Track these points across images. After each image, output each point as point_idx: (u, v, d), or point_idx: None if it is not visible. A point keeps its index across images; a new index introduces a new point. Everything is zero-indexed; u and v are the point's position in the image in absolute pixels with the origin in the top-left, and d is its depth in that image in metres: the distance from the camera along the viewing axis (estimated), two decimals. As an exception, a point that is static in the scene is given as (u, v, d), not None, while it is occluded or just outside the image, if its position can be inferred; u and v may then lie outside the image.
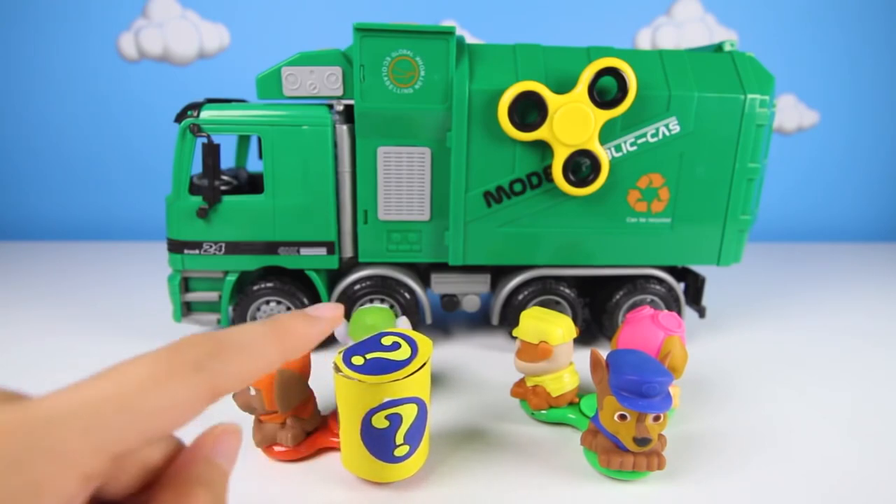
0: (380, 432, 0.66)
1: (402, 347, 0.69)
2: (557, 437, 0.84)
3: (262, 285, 1.10)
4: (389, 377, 0.64)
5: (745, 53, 1.09)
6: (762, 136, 1.07)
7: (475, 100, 1.01)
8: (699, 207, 1.10)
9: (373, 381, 0.64)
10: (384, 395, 0.65)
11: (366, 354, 0.68)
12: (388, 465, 0.69)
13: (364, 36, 0.99)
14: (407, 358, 0.68)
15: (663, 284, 1.16)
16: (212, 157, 1.02)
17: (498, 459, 0.78)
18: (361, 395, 0.65)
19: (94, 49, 2.03)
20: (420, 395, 0.68)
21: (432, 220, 1.09)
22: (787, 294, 1.59)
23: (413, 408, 0.67)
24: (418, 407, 0.68)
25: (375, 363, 0.66)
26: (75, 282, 1.57)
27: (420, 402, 0.68)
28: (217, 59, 2.08)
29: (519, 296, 1.15)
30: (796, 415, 0.92)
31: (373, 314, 0.92)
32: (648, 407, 0.67)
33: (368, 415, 0.65)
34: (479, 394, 0.98)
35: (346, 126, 1.04)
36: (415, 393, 0.67)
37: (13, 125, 2.09)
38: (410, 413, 0.67)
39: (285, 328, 0.39)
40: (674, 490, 0.72)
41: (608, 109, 1.00)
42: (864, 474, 0.77)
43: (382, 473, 0.70)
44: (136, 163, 2.12)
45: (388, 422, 0.66)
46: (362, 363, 0.66)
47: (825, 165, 2.35)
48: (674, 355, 0.80)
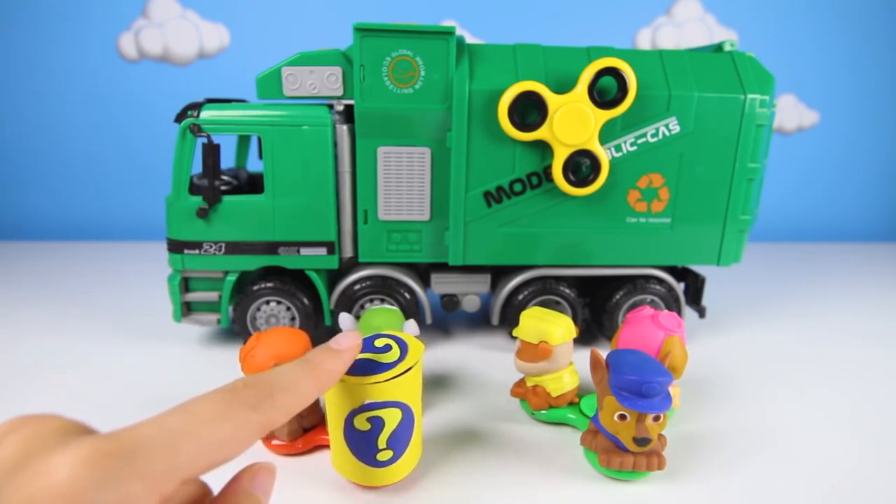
0: (361, 435, 0.66)
1: (392, 350, 0.68)
2: (557, 437, 0.84)
3: (262, 285, 1.10)
4: (370, 379, 0.63)
5: (745, 53, 1.09)
6: (762, 136, 1.07)
7: (475, 100, 1.01)
8: (699, 207, 1.10)
9: (354, 382, 0.63)
10: (365, 396, 0.64)
11: None
12: (371, 469, 0.68)
13: (364, 36, 0.99)
14: (393, 361, 0.66)
15: (663, 284, 1.16)
16: (212, 157, 1.02)
17: (498, 459, 0.78)
18: (344, 396, 0.64)
19: (94, 49, 2.03)
20: (404, 401, 0.66)
21: (432, 220, 1.09)
22: (787, 294, 1.59)
23: (396, 412, 0.66)
24: (402, 412, 0.66)
25: (361, 364, 0.65)
26: (75, 282, 1.57)
27: (405, 407, 0.67)
28: (217, 59, 2.08)
29: (519, 296, 1.15)
30: (796, 415, 0.92)
31: (381, 315, 0.91)
32: (648, 407, 0.67)
33: (350, 416, 0.65)
34: (479, 394, 0.98)
35: (346, 126, 1.04)
36: (398, 398, 0.66)
37: (13, 125, 2.09)
38: (393, 418, 0.66)
39: (318, 366, 0.46)
40: (674, 490, 0.72)
41: (608, 109, 1.00)
42: (864, 474, 0.77)
43: (366, 476, 0.69)
44: (136, 163, 2.12)
45: (369, 424, 0.65)
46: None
47: (825, 165, 2.35)
48: (674, 355, 0.80)
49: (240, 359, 0.76)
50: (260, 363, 0.73)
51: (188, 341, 1.17)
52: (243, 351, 0.77)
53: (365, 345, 0.69)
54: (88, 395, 0.93)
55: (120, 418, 0.91)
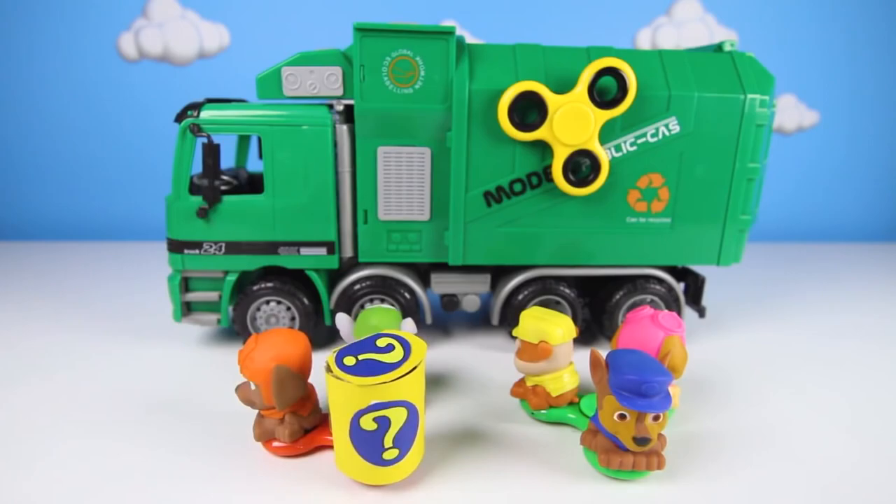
0: (368, 434, 0.66)
1: (396, 350, 0.68)
2: (557, 437, 0.84)
3: (262, 285, 1.10)
4: (377, 379, 0.64)
5: (745, 53, 1.09)
6: (762, 136, 1.07)
7: (475, 100, 1.01)
8: (699, 207, 1.10)
9: (360, 383, 0.64)
10: (372, 397, 0.64)
11: (358, 355, 0.68)
12: (377, 468, 0.68)
13: (364, 36, 0.99)
14: (397, 361, 0.67)
15: (663, 284, 1.16)
16: (212, 157, 1.02)
17: (497, 459, 0.78)
18: (350, 397, 0.64)
19: (93, 49, 2.03)
20: (410, 399, 0.67)
21: (432, 220, 1.09)
22: (787, 294, 1.59)
23: (402, 411, 0.67)
24: (408, 411, 0.67)
25: (366, 365, 0.66)
26: (75, 282, 1.57)
27: (410, 406, 0.67)
28: (217, 59, 2.08)
29: (519, 296, 1.15)
30: (796, 415, 0.92)
31: (378, 315, 0.92)
32: (648, 406, 0.67)
33: (356, 416, 0.65)
34: (479, 394, 0.98)
35: (346, 126, 1.04)
36: (404, 397, 0.66)
37: (12, 125, 2.09)
38: (399, 417, 0.66)
39: None
40: (674, 490, 0.72)
41: (608, 109, 1.00)
42: (864, 474, 0.77)
43: (371, 476, 0.69)
44: (136, 163, 2.12)
45: (375, 424, 0.65)
46: (353, 364, 0.66)
47: (825, 166, 2.35)
48: (674, 355, 0.81)
49: (238, 362, 0.75)
50: (260, 365, 0.73)
51: (188, 341, 1.17)
52: (242, 353, 0.76)
53: (367, 345, 0.70)
54: (88, 394, 0.93)
55: (120, 418, 0.91)
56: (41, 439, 0.81)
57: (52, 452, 0.78)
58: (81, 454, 0.77)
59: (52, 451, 0.78)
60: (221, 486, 0.71)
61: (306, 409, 0.77)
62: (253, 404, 0.75)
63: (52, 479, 0.72)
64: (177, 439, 0.81)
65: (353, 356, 0.67)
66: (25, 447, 0.79)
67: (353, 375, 0.64)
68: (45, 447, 0.79)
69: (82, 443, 0.80)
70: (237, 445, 0.80)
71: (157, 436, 0.82)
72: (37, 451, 0.78)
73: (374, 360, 0.66)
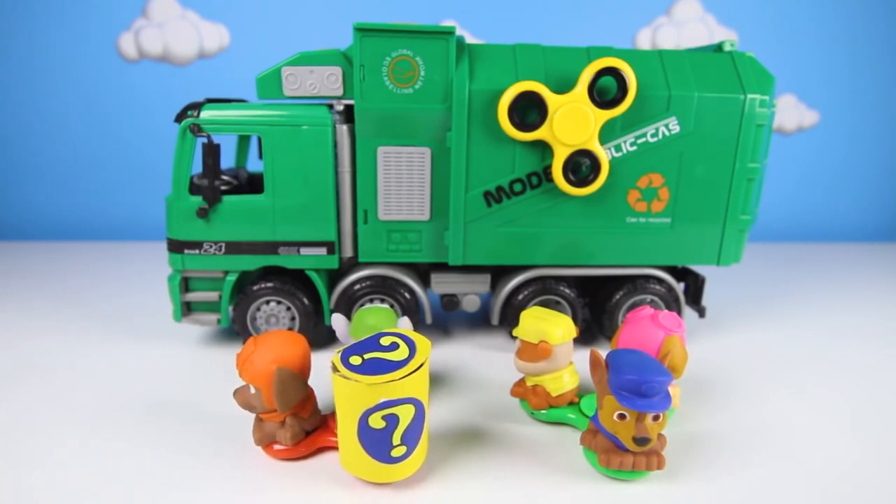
0: (376, 433, 0.66)
1: (401, 348, 0.69)
2: (557, 437, 0.84)
3: (262, 285, 1.10)
4: (386, 377, 0.64)
5: (745, 53, 1.09)
6: (762, 136, 1.07)
7: (475, 100, 1.01)
8: (699, 207, 1.10)
9: (369, 382, 0.64)
10: (381, 395, 0.65)
11: (364, 354, 0.68)
12: (386, 466, 0.69)
13: (364, 36, 0.99)
14: (404, 359, 0.67)
15: (663, 284, 1.16)
16: (212, 157, 1.02)
17: (497, 459, 0.78)
18: (358, 396, 0.65)
19: (93, 49, 2.03)
20: (417, 396, 0.68)
21: (432, 220, 1.09)
22: (787, 294, 1.59)
23: (410, 408, 0.67)
24: (415, 408, 0.68)
25: (373, 363, 0.66)
26: (75, 282, 1.57)
27: (417, 402, 0.68)
28: (217, 59, 2.08)
29: (519, 296, 1.15)
30: (796, 415, 0.92)
31: (374, 314, 0.92)
32: (648, 406, 0.67)
33: (365, 415, 0.65)
34: (479, 394, 0.98)
35: (346, 126, 1.04)
36: (412, 394, 0.67)
37: (12, 125, 2.09)
38: (407, 414, 0.67)
39: None
40: (674, 490, 0.72)
41: (608, 109, 1.00)
42: (864, 474, 0.77)
43: (379, 474, 0.69)
44: (136, 163, 2.12)
45: (384, 422, 0.66)
46: (360, 363, 0.66)
47: (825, 165, 2.35)
48: (674, 355, 0.81)
49: (237, 365, 0.75)
50: (260, 368, 0.72)
51: (188, 341, 1.17)
52: (240, 356, 0.75)
53: (371, 344, 0.70)
54: (88, 395, 0.93)
55: (120, 418, 0.91)
56: (41, 439, 0.81)
57: (51, 452, 0.78)
58: (81, 454, 0.77)
59: (51, 451, 0.78)
60: (222, 487, 0.71)
61: (307, 411, 0.77)
62: (252, 408, 0.75)
63: (52, 480, 0.72)
64: (177, 439, 0.81)
65: (359, 355, 0.68)
66: (25, 447, 0.79)
67: (361, 374, 0.65)
68: (45, 447, 0.79)
69: (82, 443, 0.80)
70: (238, 445, 0.80)
71: (157, 436, 0.82)
72: (37, 451, 0.78)
73: (381, 359, 0.67)
